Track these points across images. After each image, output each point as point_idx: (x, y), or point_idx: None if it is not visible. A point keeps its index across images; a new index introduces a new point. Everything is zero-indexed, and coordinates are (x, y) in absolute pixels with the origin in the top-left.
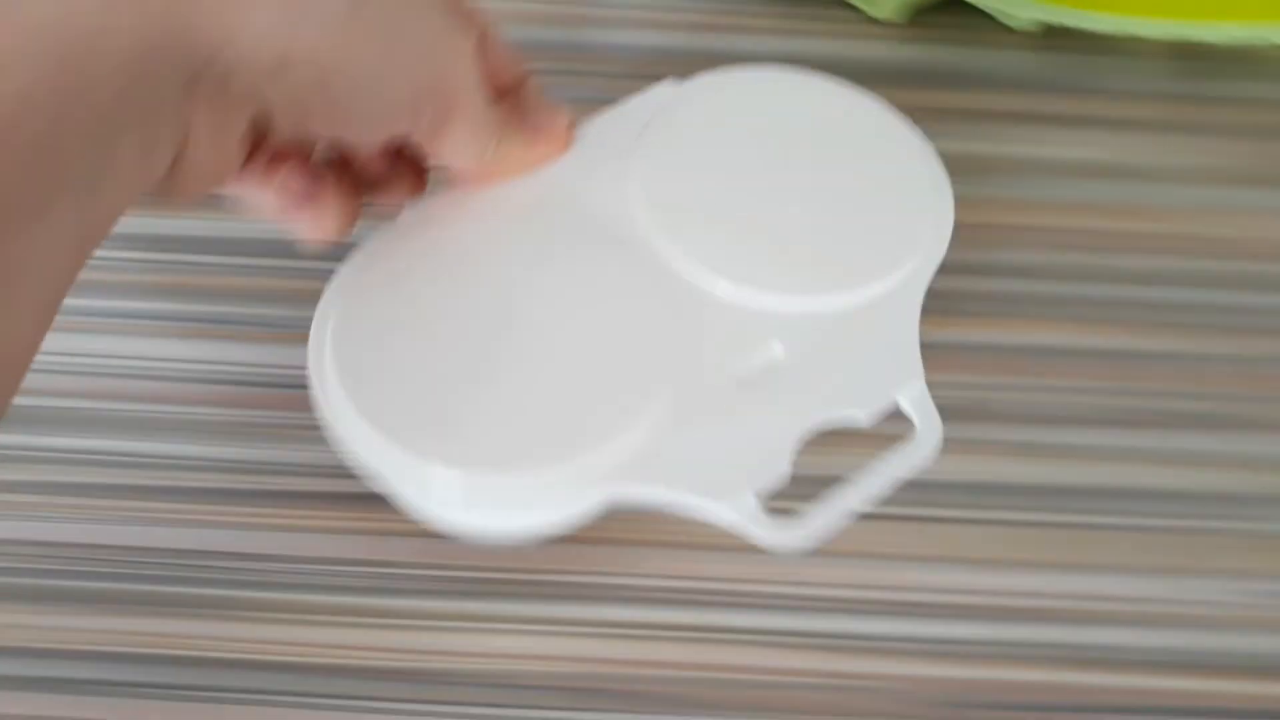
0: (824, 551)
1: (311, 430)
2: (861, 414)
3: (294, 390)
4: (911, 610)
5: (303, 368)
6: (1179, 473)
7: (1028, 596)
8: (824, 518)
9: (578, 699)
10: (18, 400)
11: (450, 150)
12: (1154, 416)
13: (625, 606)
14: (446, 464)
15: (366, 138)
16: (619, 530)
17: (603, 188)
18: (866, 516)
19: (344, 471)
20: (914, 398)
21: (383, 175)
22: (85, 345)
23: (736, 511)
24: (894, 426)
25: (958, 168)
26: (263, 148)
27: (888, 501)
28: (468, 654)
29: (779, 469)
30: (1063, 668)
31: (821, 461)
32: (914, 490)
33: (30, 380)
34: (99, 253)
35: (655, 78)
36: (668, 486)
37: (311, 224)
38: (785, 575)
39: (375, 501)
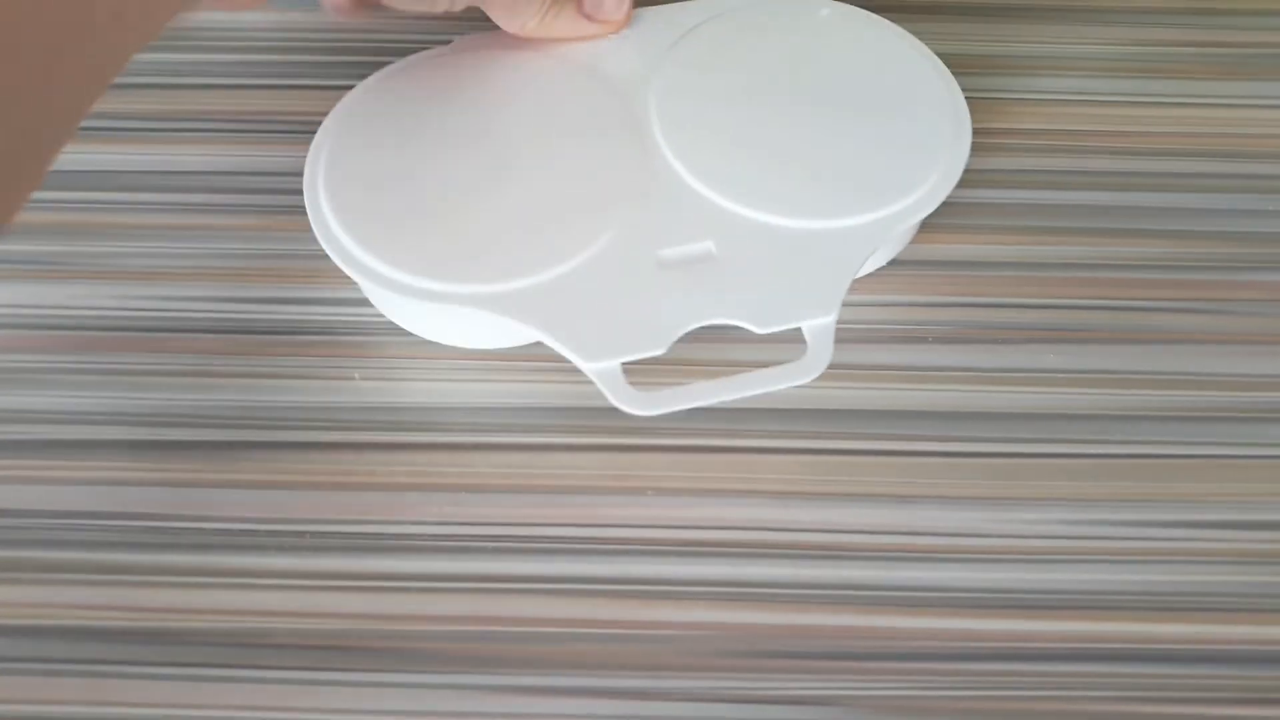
0: (610, 488)
1: (82, 374)
2: (758, 329)
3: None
4: (705, 550)
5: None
6: (1002, 392)
7: (832, 532)
8: (676, 400)
9: (334, 658)
10: None
11: (495, 9)
12: (999, 331)
13: (395, 557)
14: (408, 272)
15: None
16: (389, 475)
17: (622, 73)
18: (665, 448)
19: (113, 419)
20: (818, 329)
21: None
22: None
23: (600, 374)
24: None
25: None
26: None
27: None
28: (215, 611)
29: (654, 349)
30: (870, 610)
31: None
32: (717, 417)
33: None
34: None
35: None
36: (551, 333)
37: None
38: (571, 517)
39: (130, 449)
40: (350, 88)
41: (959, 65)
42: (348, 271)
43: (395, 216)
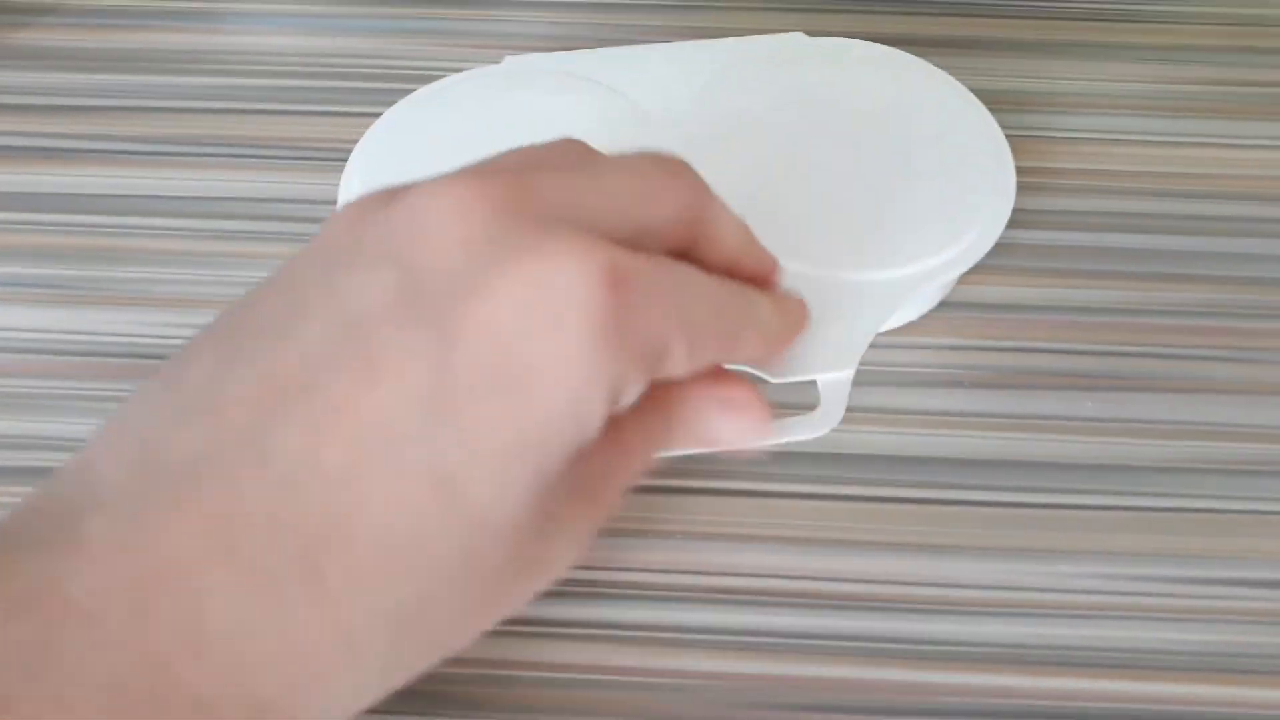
0: (638, 530)
1: (109, 402)
2: (771, 379)
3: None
4: (734, 597)
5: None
6: (1041, 441)
7: (864, 582)
8: None
9: None
10: None
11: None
12: (1036, 377)
13: None
14: None
15: None
16: None
17: (657, 110)
18: (695, 490)
19: None
20: (832, 384)
21: None
22: None
23: None
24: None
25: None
26: None
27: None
28: None
29: None
30: (902, 664)
31: None
32: (750, 458)
33: None
34: None
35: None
36: None
37: None
38: (595, 559)
39: None
40: (380, 114)
41: (994, 102)
42: None
43: None
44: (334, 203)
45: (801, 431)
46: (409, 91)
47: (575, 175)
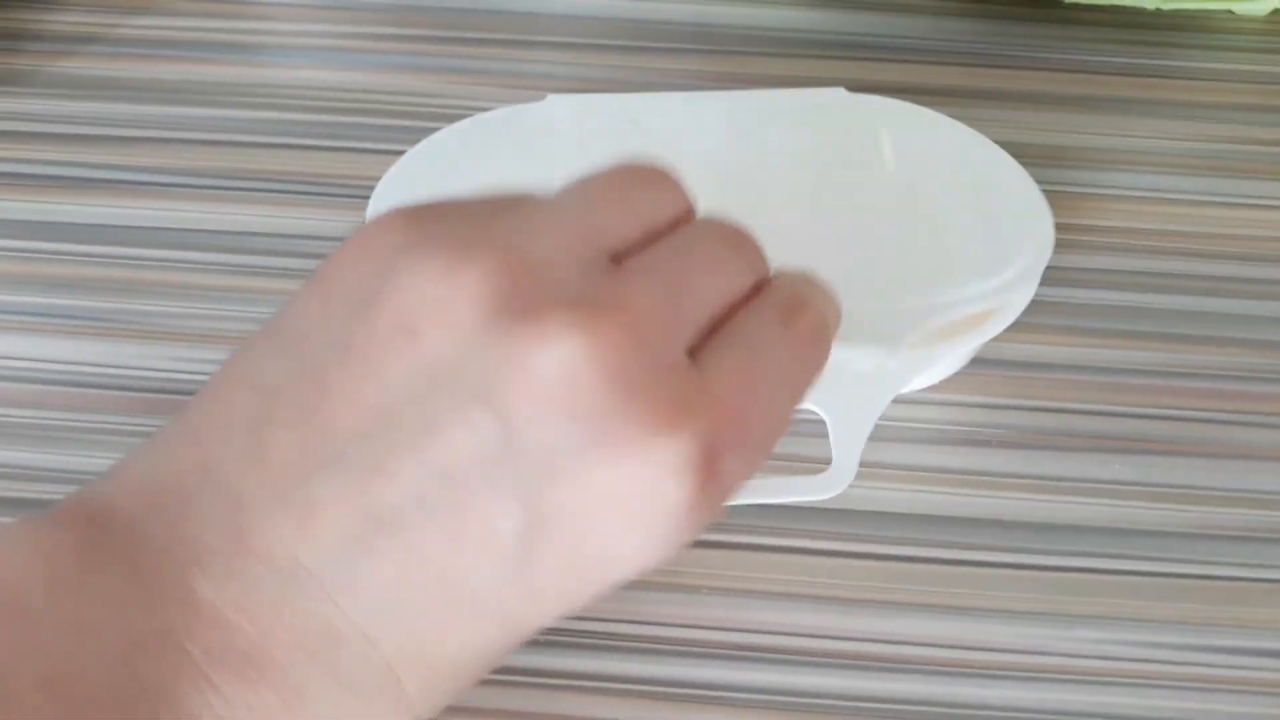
0: (663, 584)
1: (136, 437)
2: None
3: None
4: (758, 655)
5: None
6: (1067, 503)
7: (887, 643)
8: None
9: None
10: None
11: None
12: (1064, 438)
13: None
14: None
15: None
16: None
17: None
18: (721, 545)
19: None
20: (844, 446)
21: None
22: None
23: None
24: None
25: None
26: None
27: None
28: None
29: None
30: None
31: None
32: (770, 514)
33: None
34: None
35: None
36: None
37: None
38: (620, 612)
39: None
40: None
41: (1027, 155)
42: None
43: None
44: None
45: (810, 492)
46: (437, 129)
47: (669, 297)
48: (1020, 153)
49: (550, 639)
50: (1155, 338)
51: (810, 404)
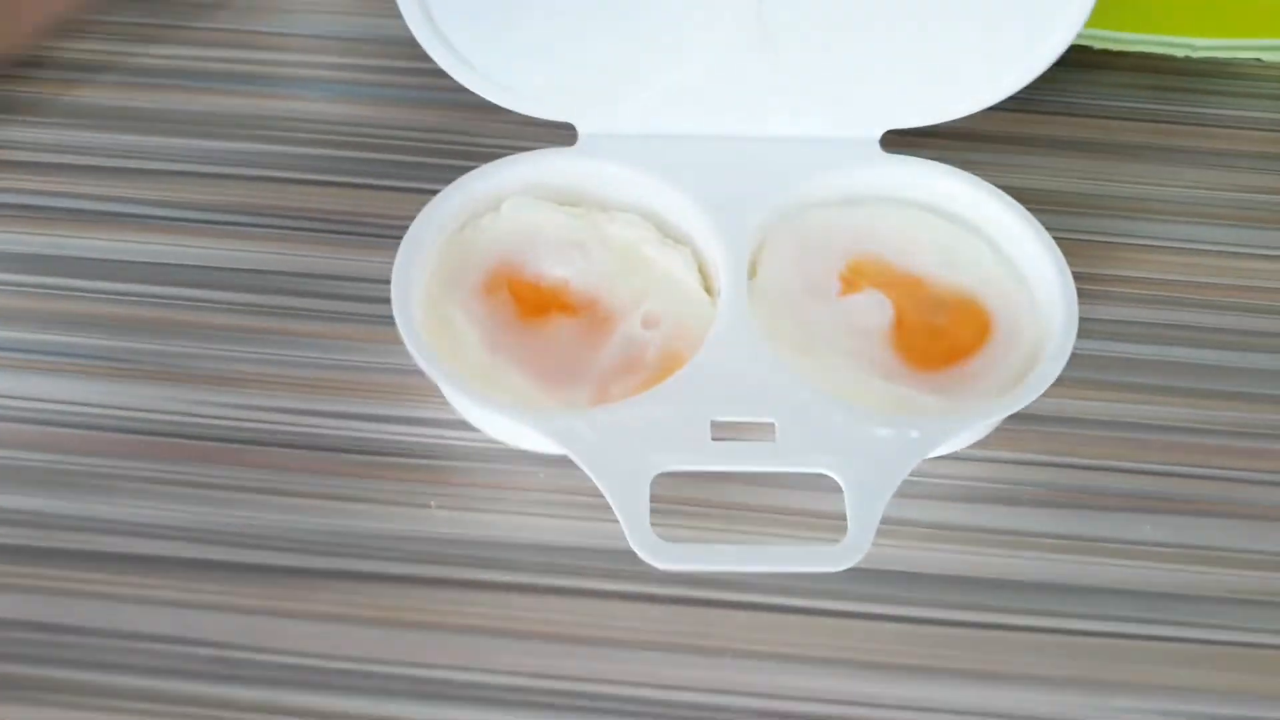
0: (688, 645)
1: (151, 484)
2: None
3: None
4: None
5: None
6: (1099, 564)
7: (915, 710)
8: (695, 558)
9: None
10: None
11: None
12: (1094, 497)
13: (463, 708)
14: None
15: None
16: (462, 616)
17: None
18: (744, 605)
19: (180, 534)
20: (862, 514)
21: None
22: None
23: (627, 513)
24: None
25: None
26: None
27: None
28: None
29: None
30: None
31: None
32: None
33: None
34: None
35: None
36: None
37: None
38: (647, 675)
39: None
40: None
41: (1048, 203)
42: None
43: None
44: (386, 280)
45: (821, 563)
46: (468, 167)
47: None
48: (1046, 199)
49: (574, 705)
50: (1182, 393)
51: (828, 469)
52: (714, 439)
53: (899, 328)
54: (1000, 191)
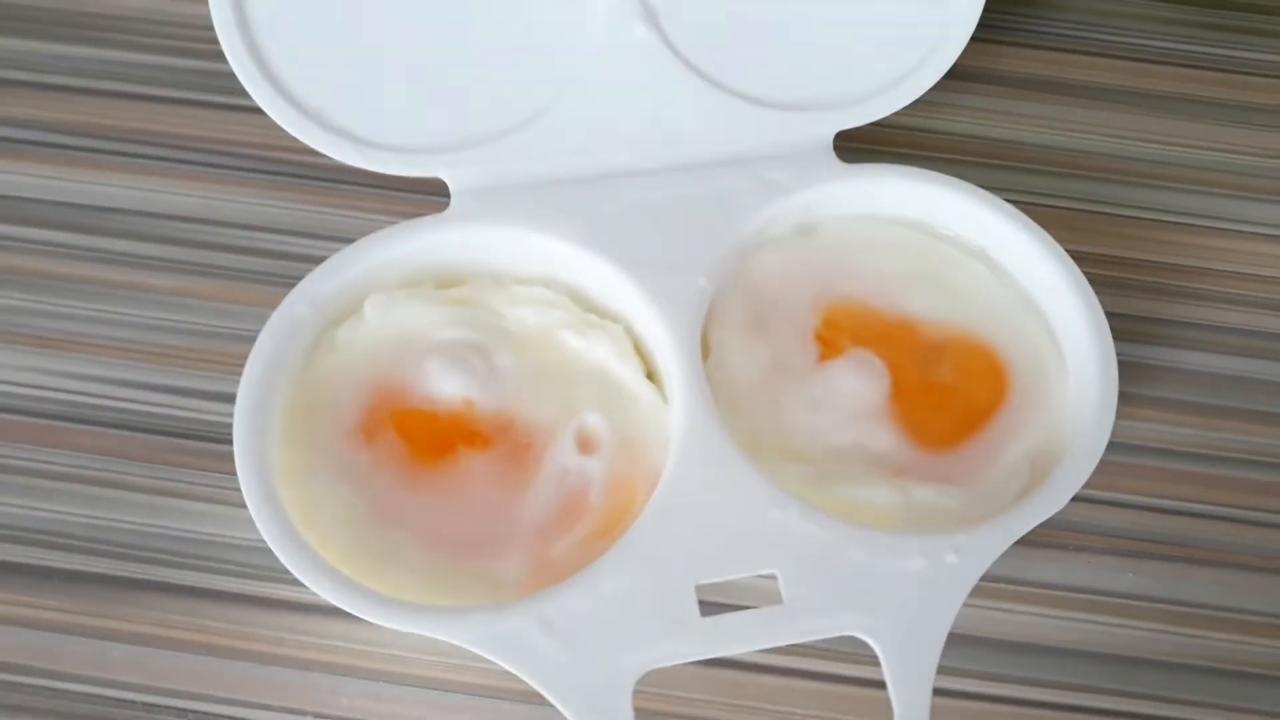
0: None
1: None
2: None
3: None
4: None
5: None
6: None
7: None
8: None
9: None
10: None
11: None
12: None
13: None
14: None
15: None
16: (298, 647)
17: None
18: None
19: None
20: (908, 679)
21: None
22: None
23: None
24: None
25: None
26: None
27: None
28: None
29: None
30: None
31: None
32: None
33: None
34: None
35: None
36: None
37: None
38: None
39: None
40: None
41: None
42: None
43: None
44: (254, 226)
45: None
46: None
47: None
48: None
49: None
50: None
51: (856, 630)
52: (703, 611)
53: (898, 396)
54: (992, 195)
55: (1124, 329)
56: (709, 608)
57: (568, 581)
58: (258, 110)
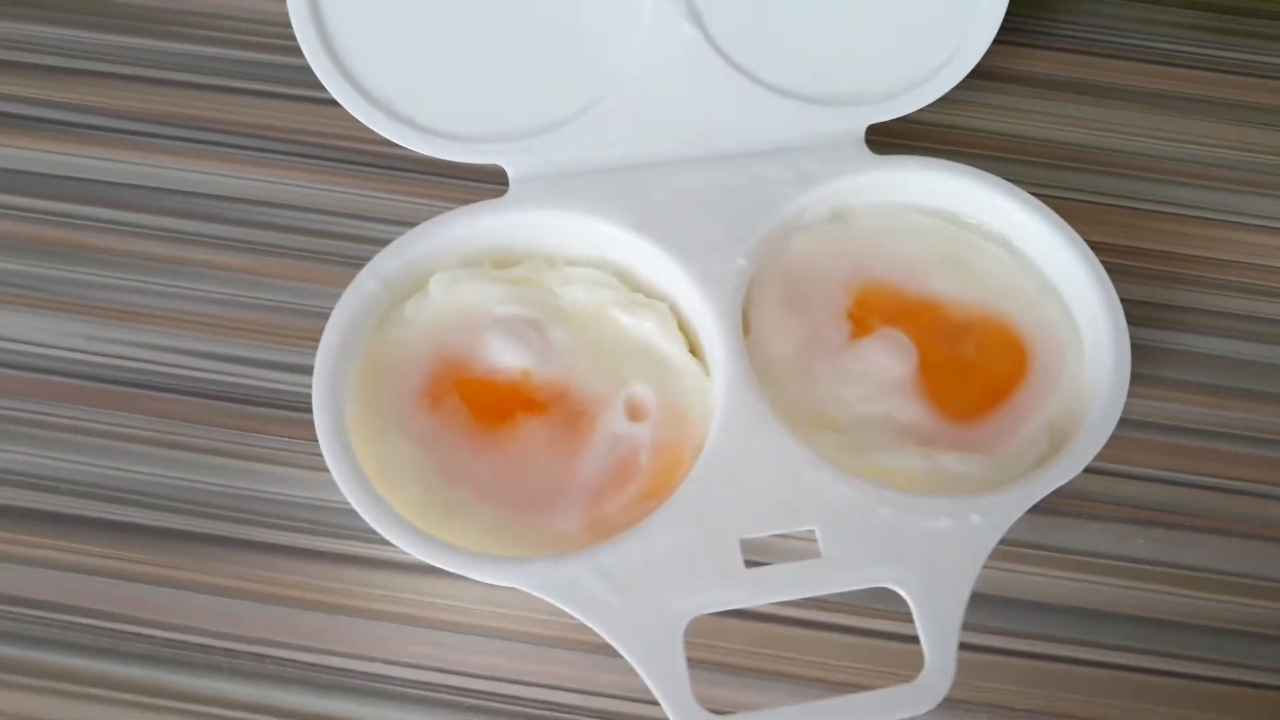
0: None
1: (33, 428)
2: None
3: None
4: None
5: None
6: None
7: None
8: None
9: None
10: None
11: None
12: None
13: (359, 701)
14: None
15: None
16: (365, 598)
17: None
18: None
19: (68, 488)
20: (937, 641)
21: None
22: None
23: (663, 681)
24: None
25: None
26: None
27: None
28: None
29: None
30: None
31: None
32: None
33: None
34: None
35: None
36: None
37: None
38: (568, 678)
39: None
40: None
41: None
42: None
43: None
44: (318, 209)
45: (904, 708)
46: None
47: None
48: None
49: (481, 704)
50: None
51: (889, 582)
52: (747, 564)
53: (925, 371)
54: (1014, 186)
55: (1137, 314)
56: (752, 558)
57: (622, 535)
58: (327, 101)
